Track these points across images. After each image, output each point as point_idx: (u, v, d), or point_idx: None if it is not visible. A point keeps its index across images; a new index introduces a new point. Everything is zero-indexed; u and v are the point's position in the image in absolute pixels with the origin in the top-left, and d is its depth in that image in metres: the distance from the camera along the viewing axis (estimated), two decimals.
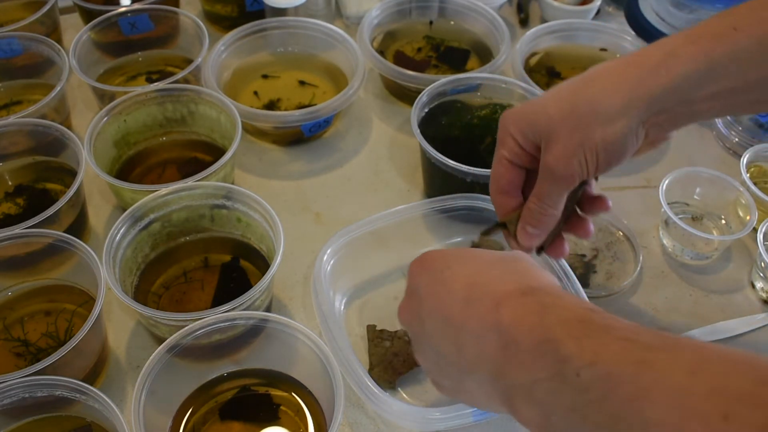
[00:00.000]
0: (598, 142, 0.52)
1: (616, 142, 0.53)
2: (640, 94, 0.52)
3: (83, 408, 0.60)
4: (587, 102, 0.52)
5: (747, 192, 0.80)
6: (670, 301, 0.77)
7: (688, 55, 0.51)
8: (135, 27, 0.97)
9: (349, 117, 0.96)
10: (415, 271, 0.51)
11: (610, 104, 0.52)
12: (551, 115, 0.54)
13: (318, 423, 0.63)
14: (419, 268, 0.51)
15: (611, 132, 0.52)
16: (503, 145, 0.58)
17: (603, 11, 1.13)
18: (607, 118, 0.52)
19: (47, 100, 0.82)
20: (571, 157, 0.53)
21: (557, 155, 0.53)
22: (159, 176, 0.85)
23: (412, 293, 0.51)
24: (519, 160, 0.58)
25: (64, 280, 0.73)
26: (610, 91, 0.52)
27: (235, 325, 0.63)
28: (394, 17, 1.04)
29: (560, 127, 0.53)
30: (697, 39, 0.52)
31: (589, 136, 0.52)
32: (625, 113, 0.52)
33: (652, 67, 0.52)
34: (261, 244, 0.75)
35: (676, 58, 0.51)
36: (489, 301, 0.44)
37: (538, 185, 0.56)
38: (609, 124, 0.52)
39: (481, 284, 0.46)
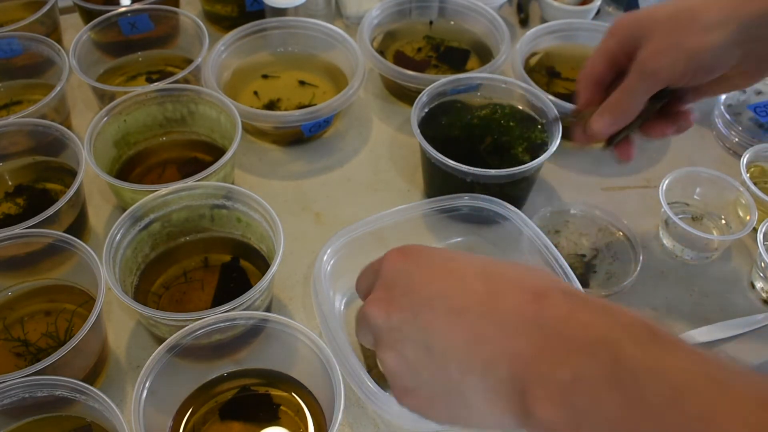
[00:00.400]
0: (693, 47, 0.57)
1: (708, 51, 0.57)
2: (739, 14, 0.56)
3: (83, 408, 0.60)
4: (689, 9, 0.57)
5: (747, 192, 0.80)
6: (670, 301, 0.77)
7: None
8: (135, 27, 0.97)
9: (349, 117, 0.96)
10: (397, 261, 0.46)
11: (710, 15, 0.56)
12: (655, 17, 0.59)
13: (318, 423, 0.63)
14: (402, 258, 0.46)
15: (707, 40, 0.57)
16: (608, 39, 0.63)
17: (603, 11, 1.13)
18: (705, 27, 0.56)
19: (47, 100, 0.82)
20: (664, 55, 0.58)
21: (651, 51, 0.58)
22: (159, 176, 0.85)
23: (391, 285, 0.46)
24: (615, 59, 0.63)
25: (64, 280, 0.73)
26: (712, 4, 0.57)
27: (235, 325, 0.63)
28: (394, 17, 1.04)
29: (660, 27, 0.58)
30: None
31: (685, 39, 0.57)
32: (722, 26, 0.56)
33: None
34: (261, 244, 0.75)
35: None
36: (523, 293, 0.41)
37: (627, 80, 0.61)
38: (706, 32, 0.56)
39: (505, 277, 0.43)
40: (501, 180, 0.77)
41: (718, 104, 0.93)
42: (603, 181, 0.89)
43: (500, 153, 0.81)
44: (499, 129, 0.84)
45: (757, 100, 0.96)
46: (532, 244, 0.72)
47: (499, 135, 0.83)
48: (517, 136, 0.83)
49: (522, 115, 0.86)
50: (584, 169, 0.90)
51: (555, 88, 0.95)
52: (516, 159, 0.80)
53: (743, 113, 0.95)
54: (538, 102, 0.84)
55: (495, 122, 0.85)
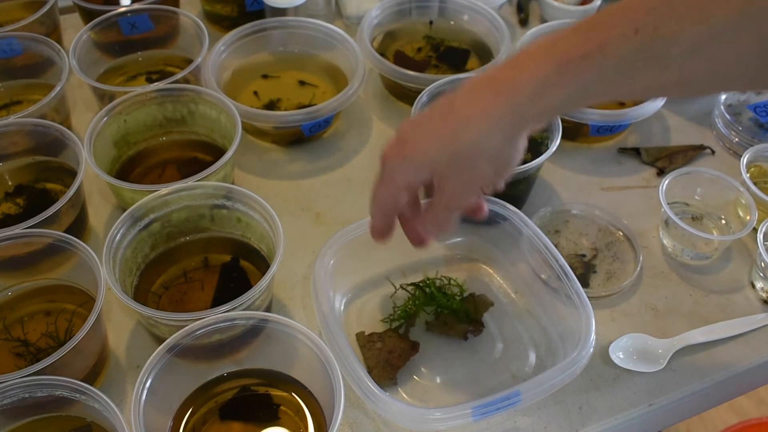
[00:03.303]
0: (490, 174, 0.57)
1: (508, 167, 0.58)
2: (519, 127, 0.55)
3: (83, 408, 0.60)
4: (471, 144, 0.55)
5: (747, 192, 0.80)
6: (670, 301, 0.77)
7: (561, 84, 0.52)
8: (135, 27, 0.97)
9: (349, 117, 0.96)
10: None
11: (493, 144, 0.55)
12: (436, 161, 0.56)
13: (318, 423, 0.63)
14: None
15: (501, 162, 0.57)
16: (395, 193, 0.60)
17: None
18: (493, 155, 0.56)
19: (47, 100, 0.82)
20: (466, 194, 0.58)
21: (451, 194, 0.58)
22: (159, 176, 0.85)
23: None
24: (410, 195, 0.61)
25: (64, 280, 0.73)
26: (492, 131, 0.54)
27: (235, 325, 0.63)
28: (394, 17, 1.04)
29: (449, 172, 0.56)
30: (565, 65, 0.52)
31: (480, 172, 0.57)
32: (507, 144, 0.56)
33: (527, 99, 0.53)
34: (261, 244, 0.75)
35: (551, 88, 0.52)
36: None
37: (435, 209, 0.60)
38: (497, 158, 0.56)
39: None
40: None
41: (718, 104, 0.93)
42: (603, 181, 0.89)
43: None
44: None
45: (757, 100, 0.96)
46: (532, 244, 0.72)
47: None
48: None
49: None
50: (584, 169, 0.90)
51: None
52: None
53: (743, 113, 0.95)
54: None
55: None
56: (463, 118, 0.54)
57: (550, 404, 0.68)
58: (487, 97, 0.54)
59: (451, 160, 0.55)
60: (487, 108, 0.54)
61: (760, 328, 0.74)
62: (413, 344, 0.70)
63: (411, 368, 0.70)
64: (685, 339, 0.72)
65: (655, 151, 0.92)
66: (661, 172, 0.89)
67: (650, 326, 0.74)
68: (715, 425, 1.54)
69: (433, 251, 0.79)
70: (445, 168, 0.56)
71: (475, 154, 0.55)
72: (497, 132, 0.54)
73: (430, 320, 0.73)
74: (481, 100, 0.54)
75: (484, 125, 0.54)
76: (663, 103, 0.89)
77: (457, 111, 0.55)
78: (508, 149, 0.56)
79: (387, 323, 0.72)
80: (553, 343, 0.71)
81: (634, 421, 0.68)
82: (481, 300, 0.73)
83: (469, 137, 0.54)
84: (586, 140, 0.92)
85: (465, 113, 0.54)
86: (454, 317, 0.72)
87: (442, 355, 0.71)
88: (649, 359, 0.71)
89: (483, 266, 0.79)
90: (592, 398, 0.68)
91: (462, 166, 0.55)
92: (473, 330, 0.71)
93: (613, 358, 0.70)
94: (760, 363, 0.72)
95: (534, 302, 0.75)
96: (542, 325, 0.73)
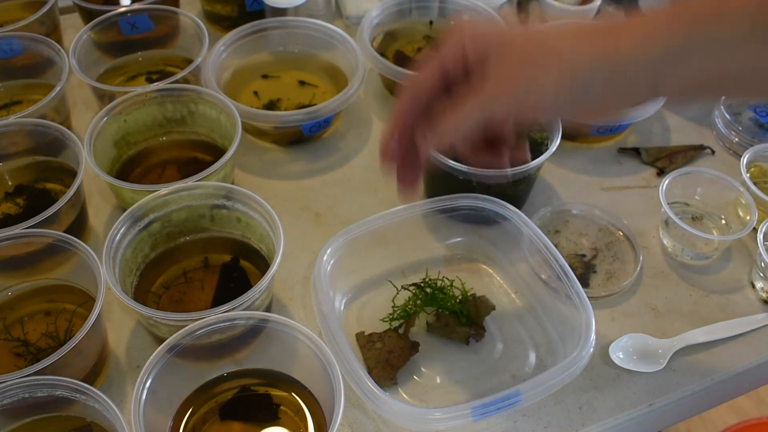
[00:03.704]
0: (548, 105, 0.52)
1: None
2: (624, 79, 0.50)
3: (83, 408, 0.60)
4: (557, 46, 0.50)
5: (747, 192, 0.80)
6: (670, 301, 0.77)
7: (665, 34, 0.49)
8: (135, 27, 0.97)
9: (349, 117, 0.96)
10: None
11: (578, 60, 0.50)
12: (514, 46, 0.52)
13: (318, 423, 0.63)
14: None
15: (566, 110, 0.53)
16: (448, 50, 0.54)
17: (603, 11, 1.13)
18: (567, 70, 0.50)
19: (47, 100, 0.82)
20: (513, 92, 0.52)
21: (499, 81, 0.52)
22: (159, 176, 0.85)
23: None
24: (453, 72, 0.55)
25: (64, 280, 0.73)
26: (581, 47, 0.50)
27: (235, 325, 0.63)
28: (394, 17, 1.04)
29: (514, 62, 0.51)
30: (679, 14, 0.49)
31: (542, 79, 0.51)
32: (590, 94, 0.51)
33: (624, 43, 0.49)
34: (261, 244, 0.75)
35: (655, 35, 0.49)
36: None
37: (463, 107, 0.54)
38: (568, 76, 0.50)
39: None
40: (501, 180, 0.77)
41: (718, 104, 0.93)
42: (603, 181, 0.89)
43: None
44: None
45: None
46: (532, 244, 0.72)
47: None
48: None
49: None
50: (584, 169, 0.90)
51: None
52: None
53: (743, 113, 0.95)
54: None
55: None
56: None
57: (550, 404, 0.68)
58: (605, 42, 0.49)
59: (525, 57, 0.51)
60: (603, 52, 0.49)
61: (760, 328, 0.74)
62: (413, 344, 0.70)
63: (411, 368, 0.70)
64: (685, 339, 0.72)
65: (655, 151, 0.92)
66: (661, 172, 0.89)
67: (650, 326, 0.74)
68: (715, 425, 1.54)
69: (433, 251, 0.79)
70: (509, 59, 0.51)
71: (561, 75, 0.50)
72: (597, 74, 0.49)
73: (431, 321, 0.73)
74: (592, 48, 0.49)
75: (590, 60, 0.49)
76: (663, 103, 0.89)
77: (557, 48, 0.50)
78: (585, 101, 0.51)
79: (387, 323, 0.72)
80: (553, 343, 0.71)
81: (634, 421, 0.68)
82: (482, 303, 0.73)
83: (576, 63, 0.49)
84: (586, 140, 0.92)
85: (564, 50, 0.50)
86: (455, 318, 0.72)
87: (442, 355, 0.71)
88: (649, 359, 0.71)
89: (483, 266, 0.79)
90: (592, 398, 0.68)
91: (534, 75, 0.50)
92: (475, 334, 0.71)
93: (613, 358, 0.70)
94: (760, 363, 0.72)
95: (534, 302, 0.75)
96: (542, 325, 0.73)
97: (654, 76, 0.48)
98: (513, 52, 0.52)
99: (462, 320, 0.72)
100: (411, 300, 0.74)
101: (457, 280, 0.75)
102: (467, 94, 0.53)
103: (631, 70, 0.49)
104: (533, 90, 0.51)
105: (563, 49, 0.50)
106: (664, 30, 0.48)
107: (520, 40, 0.52)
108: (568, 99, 0.51)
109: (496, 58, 0.52)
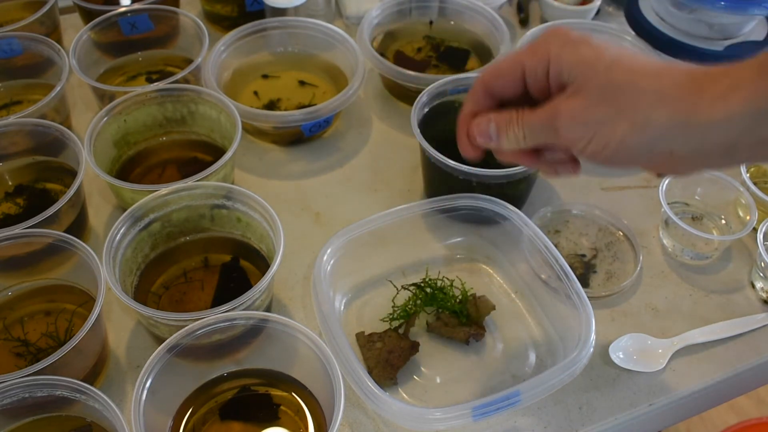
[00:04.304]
0: (618, 135, 0.49)
1: (633, 148, 0.49)
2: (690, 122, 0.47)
3: (83, 408, 0.60)
4: (637, 92, 0.48)
5: (747, 192, 0.80)
6: (670, 301, 0.77)
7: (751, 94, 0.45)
8: (135, 27, 0.97)
9: (349, 117, 0.96)
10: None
11: (654, 114, 0.47)
12: (597, 79, 0.49)
13: (318, 423, 0.63)
14: None
15: (636, 134, 0.48)
16: (532, 54, 0.52)
17: (603, 11, 1.13)
18: (641, 122, 0.48)
19: (47, 100, 0.82)
20: (584, 125, 0.49)
21: (572, 110, 0.49)
22: (159, 176, 0.85)
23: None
24: (532, 80, 0.53)
25: (64, 280, 0.73)
26: (661, 101, 0.47)
27: (235, 325, 0.63)
28: (394, 17, 1.04)
29: (592, 96, 0.49)
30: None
31: (614, 122, 0.49)
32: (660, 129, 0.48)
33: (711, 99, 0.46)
34: (261, 244, 0.75)
35: (737, 95, 0.45)
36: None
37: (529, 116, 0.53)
38: (639, 128, 0.48)
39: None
40: (501, 180, 0.77)
41: None
42: (603, 181, 0.89)
43: None
44: None
45: None
46: (532, 244, 0.72)
47: None
48: None
49: None
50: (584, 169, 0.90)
51: None
52: None
53: None
54: None
55: None
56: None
57: (550, 404, 0.68)
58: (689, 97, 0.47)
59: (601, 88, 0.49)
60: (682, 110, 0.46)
61: (760, 328, 0.74)
62: (413, 344, 0.70)
63: (411, 368, 0.70)
64: (685, 339, 0.72)
65: None
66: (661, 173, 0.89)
67: (650, 326, 0.74)
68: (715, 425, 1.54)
69: (433, 251, 0.79)
70: (588, 91, 0.49)
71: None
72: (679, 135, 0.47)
73: (431, 321, 0.73)
74: (671, 105, 0.47)
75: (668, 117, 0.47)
76: None
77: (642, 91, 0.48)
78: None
79: (387, 323, 0.72)
80: (553, 343, 0.71)
81: (634, 421, 0.68)
82: (482, 303, 0.73)
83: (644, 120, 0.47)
84: None
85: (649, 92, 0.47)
86: (455, 318, 0.72)
87: (442, 355, 0.71)
88: (649, 359, 0.71)
89: (483, 266, 0.79)
90: (592, 398, 0.68)
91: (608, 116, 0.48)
92: (475, 334, 0.71)
93: (613, 358, 0.70)
94: (760, 363, 0.72)
95: (534, 302, 0.75)
96: (542, 325, 0.73)
97: (732, 140, 0.46)
98: (593, 86, 0.50)
99: (462, 320, 0.72)
100: (411, 300, 0.74)
101: (457, 280, 0.75)
102: (537, 109, 0.52)
103: (708, 135, 0.46)
104: (602, 130, 0.49)
105: (644, 96, 0.48)
106: (748, 90, 0.45)
107: (604, 73, 0.50)
108: (635, 148, 0.49)
109: (575, 85, 0.50)
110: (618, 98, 0.49)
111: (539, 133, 0.53)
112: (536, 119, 0.52)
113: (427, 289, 0.74)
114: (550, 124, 0.51)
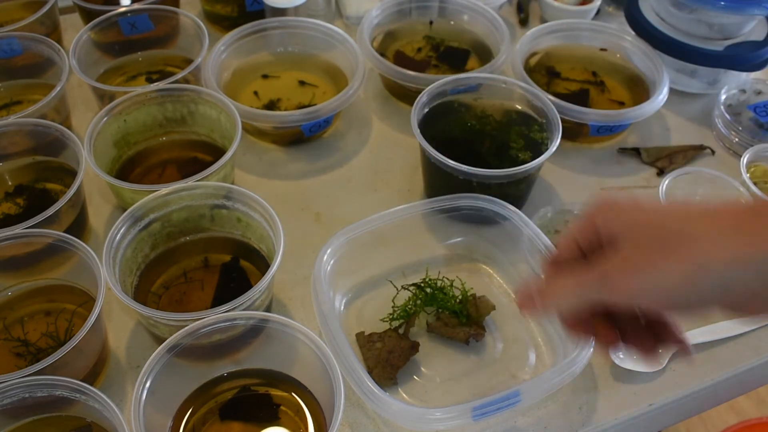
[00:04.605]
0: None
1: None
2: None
3: (83, 408, 0.60)
4: (688, 239, 0.46)
5: (747, 192, 0.80)
6: None
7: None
8: (135, 27, 0.97)
9: (349, 117, 0.96)
10: None
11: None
12: (647, 232, 0.48)
13: (318, 423, 0.63)
14: None
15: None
16: (580, 228, 0.52)
17: (603, 11, 1.13)
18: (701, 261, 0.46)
19: (47, 100, 0.82)
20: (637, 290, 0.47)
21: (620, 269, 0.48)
22: (159, 176, 0.85)
23: None
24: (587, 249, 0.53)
25: (64, 280, 0.73)
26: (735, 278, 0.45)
27: (235, 325, 0.63)
28: (394, 17, 1.04)
29: (644, 248, 0.48)
30: None
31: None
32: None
33: None
34: (261, 244, 0.75)
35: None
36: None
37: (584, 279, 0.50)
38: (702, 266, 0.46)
39: None
40: (501, 180, 0.77)
41: (718, 104, 0.93)
42: (603, 181, 0.89)
43: (500, 153, 0.81)
44: (498, 129, 0.84)
45: (757, 100, 0.96)
46: (532, 244, 0.72)
47: (498, 135, 0.83)
48: (517, 136, 0.83)
49: (522, 115, 0.86)
50: (584, 169, 0.91)
51: (555, 88, 0.95)
52: (516, 159, 0.80)
53: (743, 113, 0.95)
54: (538, 102, 0.84)
55: (495, 122, 0.85)
56: (703, 256, 0.46)
57: (550, 404, 0.68)
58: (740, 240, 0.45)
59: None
60: (739, 255, 0.45)
61: (760, 328, 0.74)
62: (413, 344, 0.70)
63: (411, 368, 0.70)
64: None
65: (655, 151, 0.92)
66: (661, 172, 0.89)
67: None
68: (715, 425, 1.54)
69: (433, 251, 0.79)
70: (639, 244, 0.48)
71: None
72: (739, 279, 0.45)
73: (431, 321, 0.73)
74: (731, 242, 0.45)
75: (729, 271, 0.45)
76: (663, 103, 0.89)
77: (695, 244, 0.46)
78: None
79: (387, 323, 0.72)
80: (553, 343, 0.71)
81: (634, 421, 0.68)
82: (482, 303, 0.73)
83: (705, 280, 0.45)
84: (586, 140, 0.92)
85: (706, 250, 0.46)
86: (455, 318, 0.72)
87: (442, 355, 0.71)
88: (649, 359, 0.71)
89: (483, 266, 0.79)
90: (592, 398, 0.68)
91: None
92: (475, 334, 0.71)
93: (613, 358, 0.70)
94: (760, 363, 0.72)
95: None
96: (542, 325, 0.73)
97: None
98: (644, 238, 0.48)
99: (462, 320, 0.72)
100: (411, 300, 0.74)
101: (457, 280, 0.75)
102: (589, 267, 0.50)
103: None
104: (659, 280, 0.47)
105: (700, 240, 0.46)
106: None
107: (654, 225, 0.49)
108: (698, 294, 0.46)
109: (625, 242, 0.49)
110: (673, 245, 0.47)
111: (589, 295, 0.50)
112: (585, 280, 0.50)
113: (427, 289, 0.74)
114: (599, 282, 0.49)
